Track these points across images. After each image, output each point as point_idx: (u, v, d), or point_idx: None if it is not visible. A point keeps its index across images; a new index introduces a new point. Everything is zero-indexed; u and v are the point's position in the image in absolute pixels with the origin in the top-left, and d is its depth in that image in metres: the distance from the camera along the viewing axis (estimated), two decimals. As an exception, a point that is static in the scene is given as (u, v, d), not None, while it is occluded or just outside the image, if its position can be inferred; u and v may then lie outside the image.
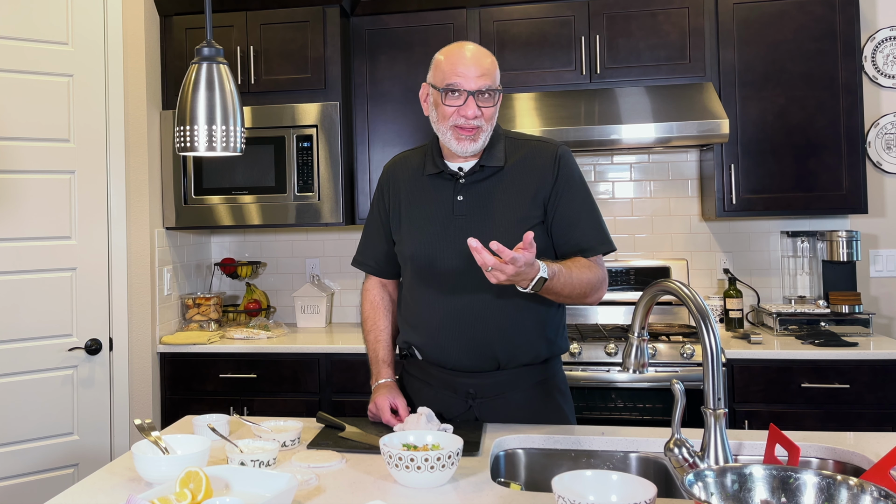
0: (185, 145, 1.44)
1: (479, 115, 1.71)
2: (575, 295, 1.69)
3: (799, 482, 1.05)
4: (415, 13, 3.28)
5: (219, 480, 1.31)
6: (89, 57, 2.89)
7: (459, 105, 1.71)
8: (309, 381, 3.05)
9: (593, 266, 1.73)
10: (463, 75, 1.69)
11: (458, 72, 1.70)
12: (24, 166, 2.74)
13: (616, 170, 3.52)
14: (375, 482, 1.41)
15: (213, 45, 1.46)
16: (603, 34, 3.15)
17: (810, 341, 2.86)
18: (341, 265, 3.69)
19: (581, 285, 1.68)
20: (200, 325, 3.36)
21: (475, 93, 1.70)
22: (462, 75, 1.70)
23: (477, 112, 1.70)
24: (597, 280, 1.73)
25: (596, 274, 1.72)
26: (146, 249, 3.09)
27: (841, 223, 3.32)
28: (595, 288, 1.73)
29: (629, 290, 3.33)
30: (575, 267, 1.68)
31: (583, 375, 2.84)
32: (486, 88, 1.71)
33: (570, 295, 1.68)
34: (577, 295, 1.69)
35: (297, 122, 3.21)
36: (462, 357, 1.79)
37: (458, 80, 1.70)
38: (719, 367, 1.27)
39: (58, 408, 2.79)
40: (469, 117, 1.70)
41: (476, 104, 1.70)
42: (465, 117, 1.70)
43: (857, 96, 3.00)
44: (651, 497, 1.14)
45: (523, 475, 1.66)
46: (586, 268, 1.71)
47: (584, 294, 1.71)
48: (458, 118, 1.71)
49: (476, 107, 1.70)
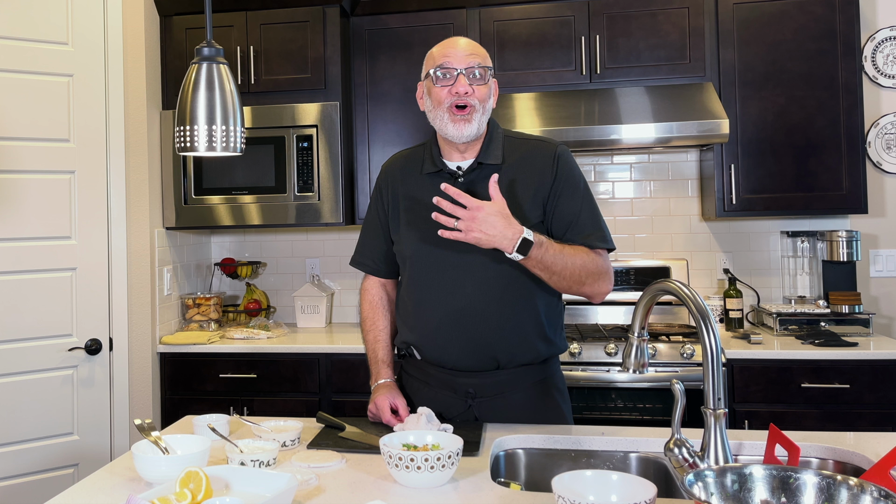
0: (185, 145, 1.44)
1: (471, 93, 1.72)
2: (569, 276, 1.67)
3: (799, 482, 1.05)
4: (415, 13, 3.28)
5: (219, 480, 1.31)
6: (89, 57, 2.89)
7: (450, 84, 1.73)
8: (309, 381, 3.05)
9: (591, 254, 1.72)
10: (452, 56, 1.74)
11: (447, 54, 1.75)
12: (24, 166, 2.74)
13: (616, 170, 3.52)
14: (375, 482, 1.41)
15: (213, 45, 1.46)
16: (603, 34, 3.15)
17: (810, 341, 2.86)
18: (341, 265, 3.69)
19: (575, 267, 1.67)
20: (200, 325, 3.36)
21: (465, 70, 1.73)
22: (451, 56, 1.74)
23: (468, 88, 1.72)
24: (595, 267, 1.71)
25: (594, 261, 1.71)
26: (146, 249, 3.09)
27: (841, 223, 3.32)
28: (593, 275, 1.70)
29: (629, 290, 3.33)
30: (569, 246, 1.68)
31: (583, 375, 2.84)
32: (476, 65, 1.74)
33: (563, 275, 1.66)
34: (572, 277, 1.68)
35: (297, 122, 3.21)
36: (461, 357, 1.79)
37: (447, 60, 1.74)
38: (719, 367, 1.27)
39: (58, 408, 2.79)
40: (461, 93, 1.72)
41: (467, 81, 1.72)
42: (457, 94, 1.72)
43: (857, 96, 3.00)
44: (651, 497, 1.14)
45: (523, 475, 1.66)
46: (583, 251, 1.70)
47: (581, 279, 1.69)
48: (450, 97, 1.73)
49: (467, 84, 1.72)
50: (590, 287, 1.72)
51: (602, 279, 1.73)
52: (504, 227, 1.57)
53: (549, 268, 1.64)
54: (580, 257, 1.68)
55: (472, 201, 1.57)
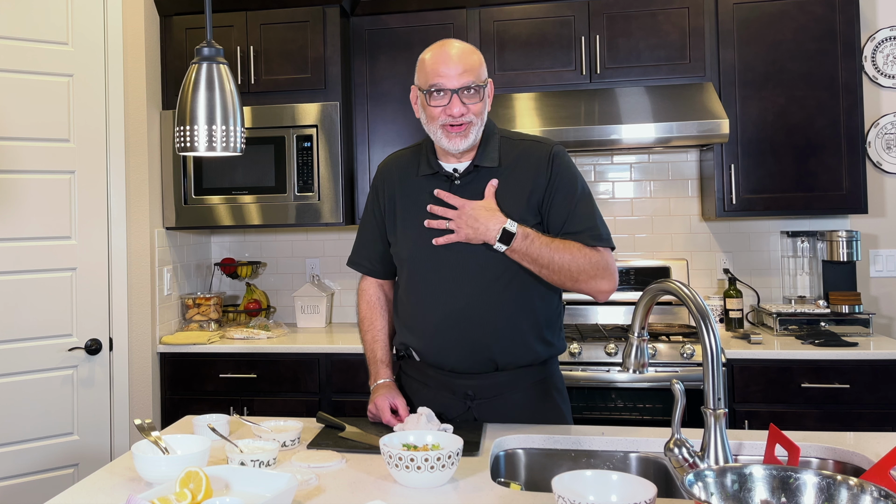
0: (185, 145, 1.43)
1: (466, 112, 1.71)
2: (558, 270, 1.67)
3: (799, 482, 1.05)
4: (415, 13, 3.28)
5: (219, 480, 1.31)
6: (89, 57, 2.89)
7: (445, 105, 1.71)
8: (309, 381, 3.05)
9: (585, 249, 1.69)
10: (445, 75, 1.69)
11: (440, 72, 1.70)
12: (24, 166, 2.74)
13: (616, 170, 3.52)
14: (375, 482, 1.41)
15: (213, 45, 1.46)
16: (603, 34, 3.15)
17: (810, 341, 2.86)
18: (341, 265, 3.69)
19: (565, 262, 1.66)
20: (200, 325, 3.36)
21: (458, 91, 1.70)
22: (444, 75, 1.70)
23: (463, 109, 1.70)
24: (588, 264, 1.69)
25: (588, 258, 1.69)
26: (146, 249, 3.09)
27: (841, 223, 3.32)
28: (587, 273, 1.69)
29: (629, 290, 3.33)
30: (559, 241, 1.68)
31: (583, 375, 2.84)
32: (471, 84, 1.70)
33: (552, 268, 1.66)
34: (562, 272, 1.67)
35: (297, 122, 3.21)
36: (460, 359, 1.79)
37: (440, 81, 1.70)
38: (719, 367, 1.27)
39: (58, 408, 2.79)
40: (455, 115, 1.70)
41: (461, 101, 1.70)
42: (451, 116, 1.70)
43: (857, 96, 3.00)
44: (651, 497, 1.14)
45: (523, 475, 1.66)
46: (575, 248, 1.68)
47: (574, 276, 1.68)
48: (444, 117, 1.71)
49: (461, 104, 1.70)
50: (586, 284, 1.71)
51: (599, 277, 1.71)
52: (487, 220, 1.66)
53: (537, 260, 1.66)
54: (570, 252, 1.67)
55: (460, 201, 1.68)
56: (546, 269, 1.67)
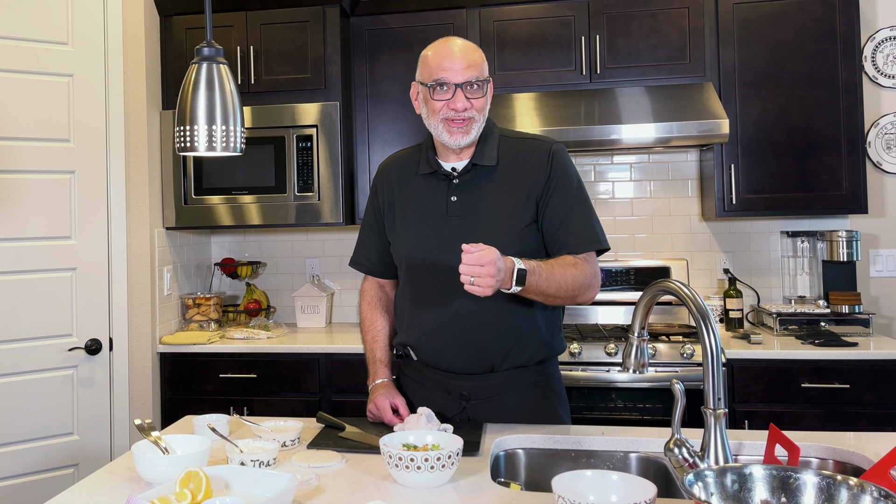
0: (185, 145, 1.43)
1: (469, 107, 1.71)
2: (563, 294, 1.67)
3: (799, 482, 1.05)
4: (415, 13, 3.28)
5: (219, 480, 1.31)
6: (89, 57, 2.89)
7: (448, 99, 1.71)
8: (309, 382, 3.05)
9: (579, 263, 1.70)
10: (449, 69, 1.70)
11: (444, 66, 1.71)
12: (24, 166, 2.74)
13: (616, 170, 3.52)
14: (375, 482, 1.41)
15: (213, 45, 1.46)
16: (603, 34, 3.15)
17: (810, 341, 2.86)
18: (341, 265, 3.69)
19: (567, 283, 1.66)
20: (200, 325, 3.36)
21: (462, 85, 1.70)
22: (448, 69, 1.70)
23: (466, 104, 1.71)
24: (584, 278, 1.69)
25: (583, 271, 1.69)
26: (146, 249, 3.09)
27: (841, 223, 3.32)
28: (584, 286, 1.70)
29: (629, 290, 3.33)
30: (557, 265, 1.66)
31: (583, 375, 2.84)
32: (474, 80, 1.71)
33: (558, 294, 1.66)
34: (566, 294, 1.68)
35: (297, 122, 3.21)
36: (456, 359, 1.78)
37: (444, 75, 1.71)
38: (719, 367, 1.27)
39: (58, 408, 2.79)
40: (459, 110, 1.70)
41: (465, 96, 1.70)
42: (454, 110, 1.71)
43: (857, 96, 3.00)
44: (651, 497, 1.14)
45: (523, 475, 1.66)
46: (571, 265, 1.68)
47: (574, 293, 1.69)
48: (447, 111, 1.72)
49: (465, 98, 1.70)
50: (580, 297, 1.72)
51: (593, 286, 1.73)
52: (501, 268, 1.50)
53: (544, 291, 1.63)
54: (569, 272, 1.67)
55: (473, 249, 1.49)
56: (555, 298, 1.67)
